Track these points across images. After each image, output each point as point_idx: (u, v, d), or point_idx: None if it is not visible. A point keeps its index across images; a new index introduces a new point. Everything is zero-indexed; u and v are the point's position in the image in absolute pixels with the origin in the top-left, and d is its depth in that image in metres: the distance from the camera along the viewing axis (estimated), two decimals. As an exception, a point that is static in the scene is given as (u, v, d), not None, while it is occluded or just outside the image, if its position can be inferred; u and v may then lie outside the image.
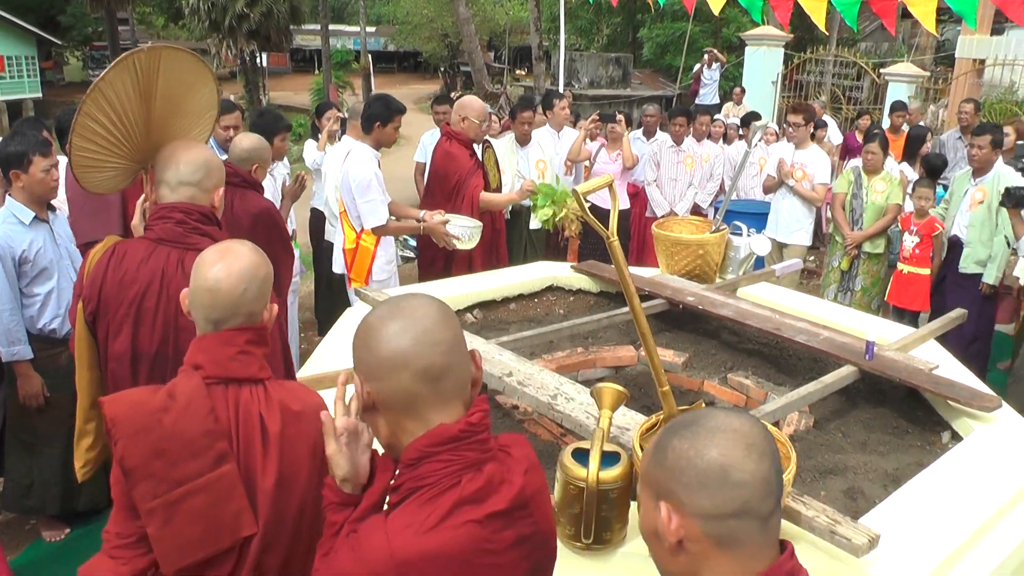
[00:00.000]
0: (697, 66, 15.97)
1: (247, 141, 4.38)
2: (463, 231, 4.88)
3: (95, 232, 3.33)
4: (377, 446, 1.61)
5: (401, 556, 1.37)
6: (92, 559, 1.93)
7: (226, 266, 1.96)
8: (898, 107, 9.61)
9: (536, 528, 1.55)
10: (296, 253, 5.34)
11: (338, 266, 5.36)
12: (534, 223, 6.07)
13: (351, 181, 4.89)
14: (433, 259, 5.52)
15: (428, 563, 1.38)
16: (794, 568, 1.30)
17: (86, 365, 2.81)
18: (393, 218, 5.03)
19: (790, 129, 7.00)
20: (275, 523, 1.92)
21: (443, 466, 1.45)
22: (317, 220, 7.11)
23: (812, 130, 7.30)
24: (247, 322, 1.99)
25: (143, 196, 2.98)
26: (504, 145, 6.72)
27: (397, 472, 1.51)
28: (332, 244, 5.79)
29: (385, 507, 1.51)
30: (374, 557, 1.38)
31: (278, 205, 5.02)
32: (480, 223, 5.02)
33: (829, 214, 8.12)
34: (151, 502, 1.85)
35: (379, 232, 4.97)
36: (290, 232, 5.05)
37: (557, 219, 5.23)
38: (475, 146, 5.62)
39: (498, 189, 5.81)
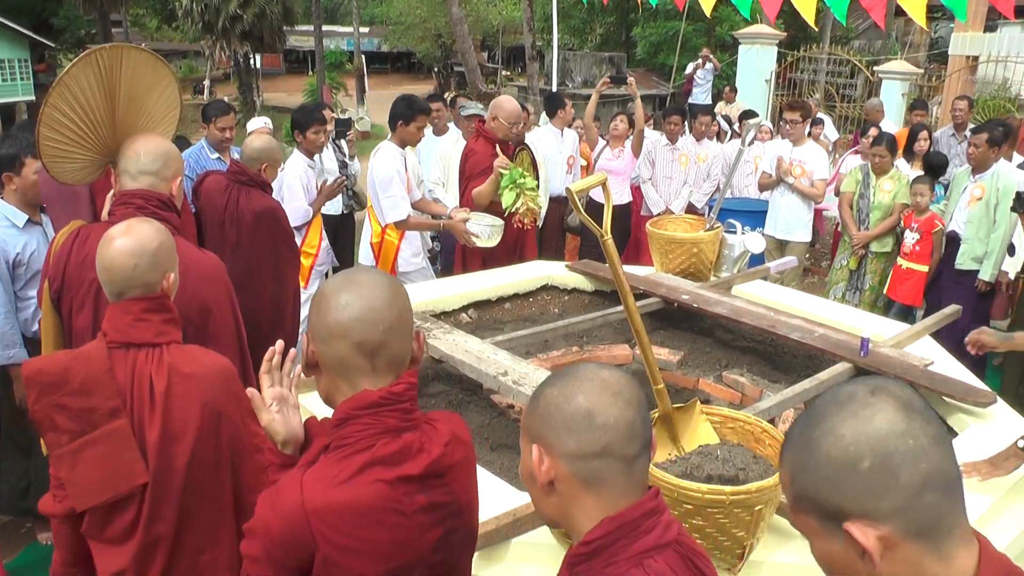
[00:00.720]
0: (691, 66, 16.00)
1: (257, 142, 4.47)
2: (483, 229, 4.91)
3: (65, 224, 3.31)
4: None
5: (311, 506, 1.50)
6: (44, 495, 2.24)
7: (118, 244, 2.17)
8: (917, 106, 9.57)
9: (452, 498, 1.65)
10: (325, 244, 5.54)
11: (365, 258, 5.60)
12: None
13: (374, 177, 5.10)
14: (456, 257, 5.59)
15: (335, 514, 1.51)
16: (657, 507, 1.35)
17: (52, 342, 2.89)
18: (415, 214, 5.18)
19: (787, 126, 7.01)
20: (164, 474, 2.11)
21: (362, 428, 1.57)
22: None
23: (808, 127, 7.32)
24: (144, 292, 2.19)
25: (113, 190, 3.08)
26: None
27: None
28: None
29: None
30: (288, 506, 1.51)
31: (314, 193, 5.34)
32: (502, 222, 4.99)
33: (831, 213, 8.14)
34: (58, 450, 2.13)
35: (400, 227, 5.15)
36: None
37: (516, 206, 5.18)
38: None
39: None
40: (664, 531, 1.34)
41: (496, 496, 2.38)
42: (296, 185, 5.29)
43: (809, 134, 7.39)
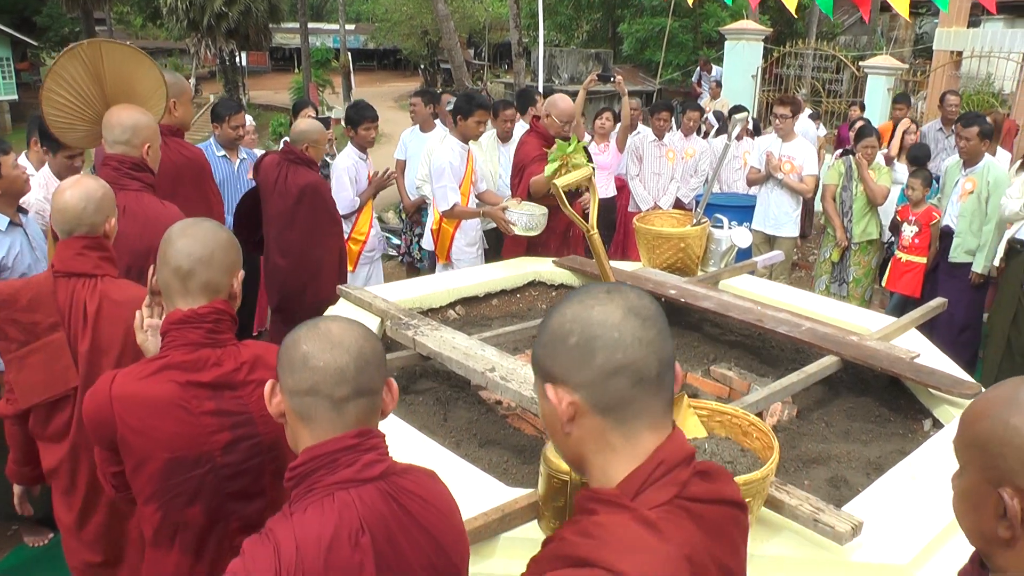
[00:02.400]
0: (696, 75, 16.31)
1: (302, 124, 5.07)
2: (521, 218, 4.96)
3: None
4: None
5: (115, 392, 1.97)
6: None
7: (72, 191, 2.65)
8: (900, 99, 9.62)
9: (243, 409, 2.04)
10: (374, 231, 5.92)
11: (427, 243, 6.02)
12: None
13: (431, 167, 5.49)
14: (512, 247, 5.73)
15: (130, 402, 1.96)
16: (358, 445, 1.56)
17: None
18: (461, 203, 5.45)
19: (777, 121, 7.02)
20: (92, 380, 2.34)
21: (171, 340, 2.02)
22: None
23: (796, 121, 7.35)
24: (88, 232, 2.66)
25: None
26: (485, 142, 6.76)
27: None
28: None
29: None
30: (100, 391, 1.99)
31: (363, 185, 5.76)
32: (545, 210, 5.04)
33: (819, 206, 8.17)
34: (7, 355, 2.68)
35: (446, 215, 5.47)
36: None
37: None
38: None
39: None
40: (364, 468, 1.55)
41: (485, 492, 2.38)
42: (344, 177, 5.67)
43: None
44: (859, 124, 7.68)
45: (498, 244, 6.00)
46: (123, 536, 2.82)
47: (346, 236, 5.58)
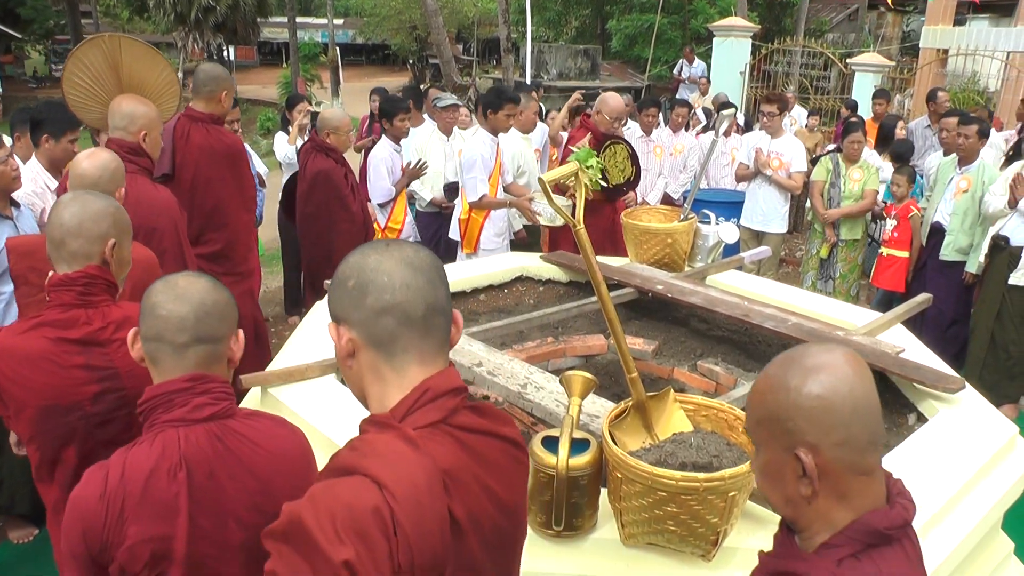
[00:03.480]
0: (677, 65, 16.27)
1: (326, 112, 5.51)
2: (547, 209, 5.11)
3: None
4: None
5: None
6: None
7: (88, 161, 3.01)
8: (879, 95, 9.68)
9: (110, 364, 2.28)
10: (409, 219, 6.19)
11: (453, 233, 6.16)
12: None
13: (462, 159, 5.83)
14: (554, 240, 6.09)
15: (6, 353, 2.21)
16: (189, 388, 1.78)
17: None
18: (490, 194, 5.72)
19: (764, 119, 7.04)
20: None
21: (50, 300, 2.29)
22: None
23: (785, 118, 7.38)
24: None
25: None
26: (471, 135, 6.78)
27: None
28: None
29: None
30: None
31: (399, 175, 6.04)
32: (570, 202, 5.15)
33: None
34: (28, 299, 3.00)
35: (475, 206, 5.72)
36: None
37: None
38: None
39: (623, 185, 5.93)
40: (194, 409, 1.77)
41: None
42: (381, 167, 5.94)
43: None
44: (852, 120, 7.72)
45: (536, 238, 6.35)
46: None
47: (383, 225, 6.05)
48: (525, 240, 6.16)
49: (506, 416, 1.56)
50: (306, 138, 6.69)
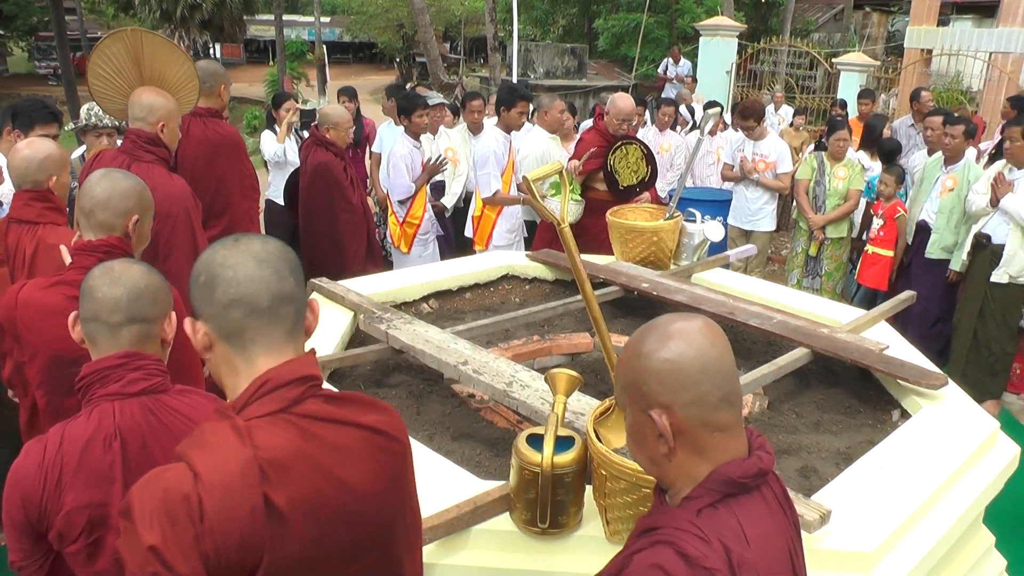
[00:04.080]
0: (663, 64, 16.27)
1: (327, 108, 5.67)
2: (559, 205, 4.97)
3: None
4: None
5: (20, 297, 2.52)
6: None
7: (24, 151, 3.22)
8: (864, 95, 9.73)
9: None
10: (428, 214, 6.20)
11: (468, 230, 6.32)
12: None
13: (475, 155, 6.00)
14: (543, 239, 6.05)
15: (29, 304, 2.52)
16: (122, 364, 1.94)
17: None
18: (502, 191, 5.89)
19: (743, 132, 7.10)
20: None
21: (73, 263, 2.57)
22: (272, 213, 7.04)
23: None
24: (33, 186, 3.21)
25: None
26: (458, 135, 6.78)
27: None
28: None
29: None
30: (10, 294, 2.56)
31: (418, 171, 6.03)
32: (582, 200, 5.57)
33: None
34: None
35: (488, 202, 5.88)
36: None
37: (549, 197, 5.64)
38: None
39: (635, 185, 5.92)
40: (128, 384, 1.92)
41: (458, 485, 2.38)
42: (400, 164, 5.95)
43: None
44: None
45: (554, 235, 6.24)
46: None
47: (401, 220, 6.09)
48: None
49: (380, 405, 1.63)
50: (293, 136, 6.71)
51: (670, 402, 1.38)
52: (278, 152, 6.81)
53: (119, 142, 4.50)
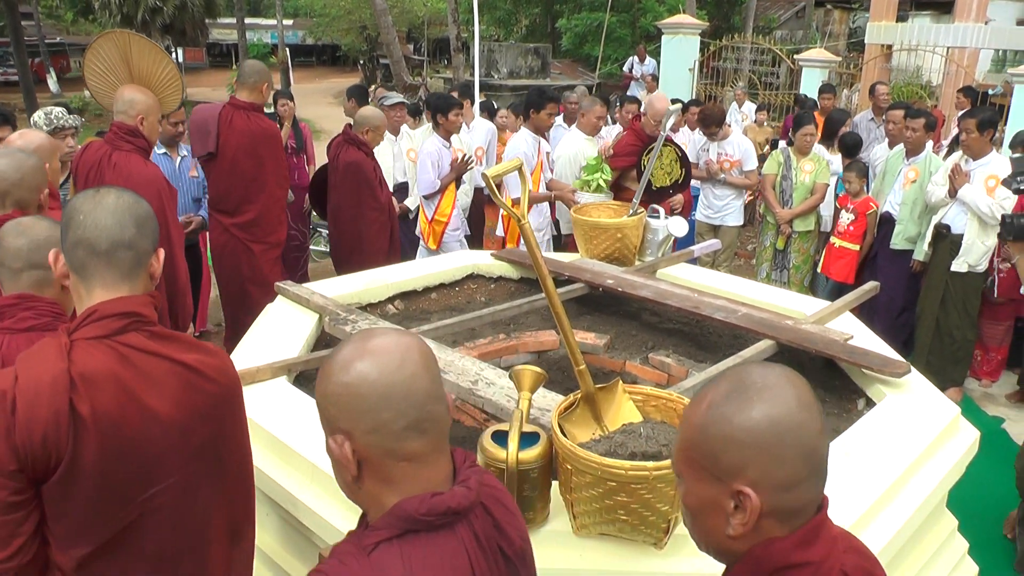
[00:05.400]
0: (628, 63, 16.32)
1: (366, 111, 5.81)
2: (589, 199, 5.26)
3: (201, 148, 5.31)
4: None
5: None
6: None
7: (19, 144, 3.43)
8: (826, 90, 9.82)
9: None
10: (456, 211, 6.37)
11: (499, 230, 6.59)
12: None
13: (504, 156, 6.36)
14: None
15: None
16: (17, 304, 2.22)
17: None
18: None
19: (705, 139, 7.16)
20: None
21: None
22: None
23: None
24: None
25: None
26: (420, 136, 6.78)
27: None
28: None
29: None
30: None
31: (446, 169, 6.21)
32: (611, 195, 5.69)
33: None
34: None
35: (516, 201, 5.59)
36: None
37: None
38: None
39: (668, 187, 5.95)
40: (17, 321, 2.17)
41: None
42: (427, 161, 6.12)
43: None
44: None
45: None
46: None
47: (430, 217, 6.24)
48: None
49: (208, 348, 1.93)
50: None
51: (351, 429, 1.31)
52: None
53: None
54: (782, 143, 8.53)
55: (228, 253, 5.40)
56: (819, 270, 6.87)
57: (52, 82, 27.97)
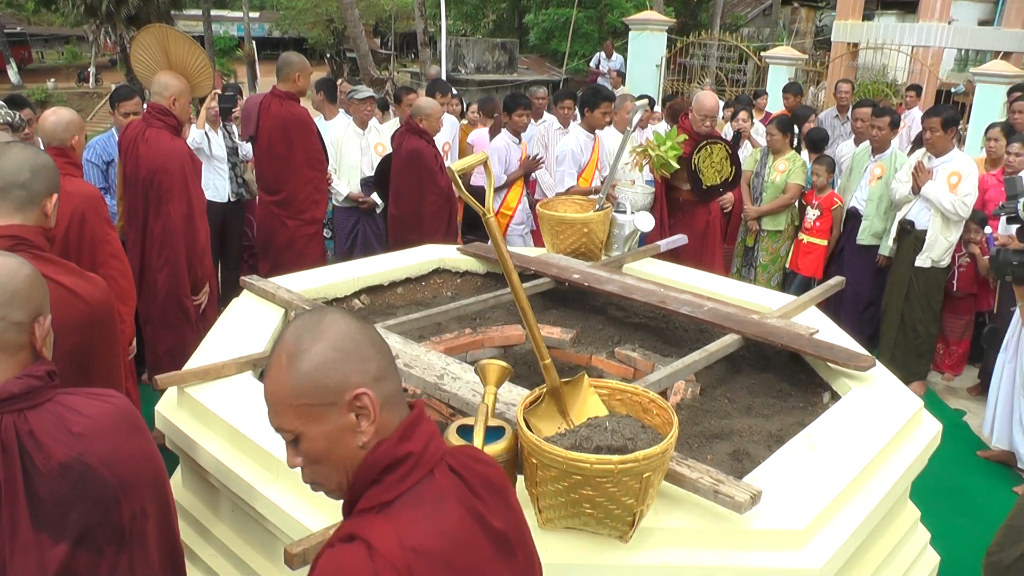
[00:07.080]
0: (596, 58, 16.31)
1: (420, 101, 6.15)
2: (628, 195, 5.28)
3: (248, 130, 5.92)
4: None
5: None
6: None
7: (52, 117, 3.92)
8: (789, 88, 9.89)
9: None
10: (522, 205, 6.55)
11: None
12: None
13: (556, 153, 6.55)
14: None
15: None
16: None
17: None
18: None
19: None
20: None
21: None
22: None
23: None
24: (59, 144, 3.85)
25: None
26: (388, 129, 6.72)
27: None
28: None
29: None
30: None
31: (515, 164, 6.47)
32: (651, 190, 5.80)
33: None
34: None
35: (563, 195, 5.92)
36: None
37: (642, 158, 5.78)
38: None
39: (719, 186, 5.94)
40: None
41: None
42: (493, 156, 6.26)
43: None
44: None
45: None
46: None
47: (496, 210, 6.09)
48: None
49: (89, 277, 2.41)
50: (221, 131, 6.54)
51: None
52: (195, 138, 6.61)
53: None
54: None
55: (266, 227, 5.98)
56: (779, 268, 6.91)
57: (12, 72, 27.46)
